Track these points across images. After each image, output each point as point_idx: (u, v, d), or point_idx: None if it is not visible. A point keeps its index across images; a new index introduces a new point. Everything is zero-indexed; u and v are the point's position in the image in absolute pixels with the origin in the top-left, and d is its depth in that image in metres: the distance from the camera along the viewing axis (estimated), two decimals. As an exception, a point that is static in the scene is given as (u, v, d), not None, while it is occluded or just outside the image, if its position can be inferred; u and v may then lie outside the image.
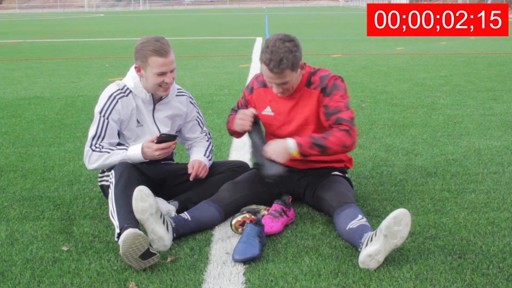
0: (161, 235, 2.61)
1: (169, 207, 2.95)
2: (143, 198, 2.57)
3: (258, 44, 14.11)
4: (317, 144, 2.79)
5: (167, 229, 2.65)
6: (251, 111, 3.03)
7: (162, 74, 2.91)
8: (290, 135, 2.95)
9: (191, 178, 3.09)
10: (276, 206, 2.89)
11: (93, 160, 2.96)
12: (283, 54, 2.74)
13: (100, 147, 2.96)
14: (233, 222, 2.80)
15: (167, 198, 3.11)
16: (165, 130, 3.13)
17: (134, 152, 2.92)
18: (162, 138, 2.88)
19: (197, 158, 3.17)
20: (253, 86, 3.12)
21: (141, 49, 2.89)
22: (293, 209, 2.98)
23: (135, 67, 2.96)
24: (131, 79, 3.02)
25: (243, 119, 3.00)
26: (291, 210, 2.93)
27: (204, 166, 3.14)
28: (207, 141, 3.32)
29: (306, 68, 2.95)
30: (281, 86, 2.86)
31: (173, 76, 2.96)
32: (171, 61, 2.92)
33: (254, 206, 3.02)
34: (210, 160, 3.25)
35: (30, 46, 14.94)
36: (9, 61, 11.17)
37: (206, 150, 3.25)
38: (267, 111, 3.06)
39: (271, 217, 2.82)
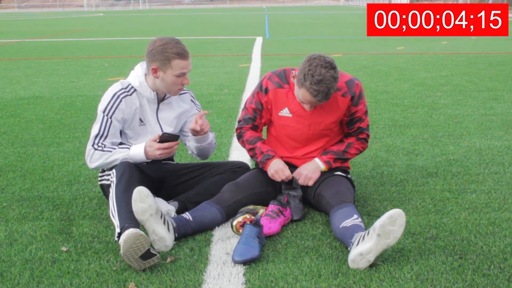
0: (162, 236, 2.59)
1: (168, 208, 2.94)
2: (142, 199, 2.56)
3: (258, 44, 14.10)
4: (341, 158, 3.11)
5: (168, 229, 2.64)
6: (286, 173, 3.01)
7: (182, 75, 2.93)
8: (308, 138, 3.07)
9: (195, 127, 2.99)
10: (273, 206, 2.88)
11: (95, 158, 2.95)
12: (330, 85, 2.76)
13: (103, 146, 2.94)
14: (234, 223, 2.79)
15: (167, 198, 3.10)
16: (168, 129, 3.12)
17: (136, 151, 2.91)
18: (164, 138, 2.86)
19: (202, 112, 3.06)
20: (267, 87, 3.06)
21: (162, 51, 2.87)
22: (289, 209, 2.97)
23: (152, 69, 2.92)
24: (136, 77, 3.01)
25: (279, 175, 3.01)
26: (287, 209, 2.92)
27: (208, 122, 3.05)
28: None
29: None
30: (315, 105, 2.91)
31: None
32: (190, 62, 2.96)
33: (251, 207, 3.01)
34: (211, 133, 3.20)
35: (29, 45, 14.93)
36: (8, 60, 11.16)
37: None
38: (285, 112, 3.05)
39: (269, 218, 2.81)
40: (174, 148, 2.90)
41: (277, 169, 3.01)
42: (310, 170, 3.05)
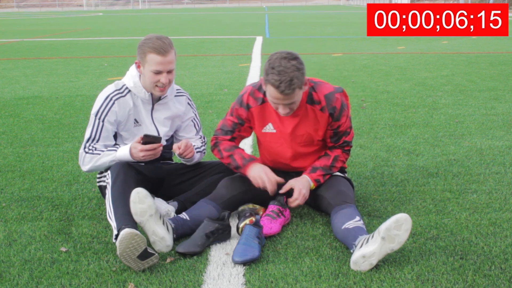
0: (162, 236, 2.59)
1: (168, 208, 2.93)
2: (141, 199, 2.55)
3: (258, 43, 14.09)
4: (328, 173, 3.02)
5: (168, 229, 2.63)
6: (276, 179, 2.92)
7: (158, 72, 2.88)
8: (294, 154, 3.00)
9: (177, 153, 2.98)
10: (273, 207, 2.87)
11: (86, 162, 2.94)
12: (292, 74, 2.63)
13: (93, 149, 2.93)
14: (241, 226, 2.76)
15: (166, 198, 3.09)
16: (163, 130, 3.10)
17: (123, 152, 2.87)
18: (147, 139, 2.81)
19: (187, 139, 3.06)
20: (248, 103, 2.96)
21: (142, 45, 2.90)
22: (289, 209, 2.96)
23: (136, 63, 2.96)
24: (130, 78, 3.00)
25: (269, 184, 2.89)
26: (286, 210, 2.92)
27: (191, 146, 3.01)
28: (201, 143, 3.26)
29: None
30: (288, 106, 2.77)
31: (170, 78, 2.92)
32: (169, 62, 2.88)
33: (251, 206, 2.99)
34: (199, 153, 3.17)
35: (28, 45, 14.91)
36: (7, 60, 11.14)
37: (197, 148, 3.18)
38: (269, 128, 2.98)
39: (270, 218, 2.80)
40: (158, 150, 2.84)
41: (263, 175, 2.90)
42: (305, 187, 2.92)
